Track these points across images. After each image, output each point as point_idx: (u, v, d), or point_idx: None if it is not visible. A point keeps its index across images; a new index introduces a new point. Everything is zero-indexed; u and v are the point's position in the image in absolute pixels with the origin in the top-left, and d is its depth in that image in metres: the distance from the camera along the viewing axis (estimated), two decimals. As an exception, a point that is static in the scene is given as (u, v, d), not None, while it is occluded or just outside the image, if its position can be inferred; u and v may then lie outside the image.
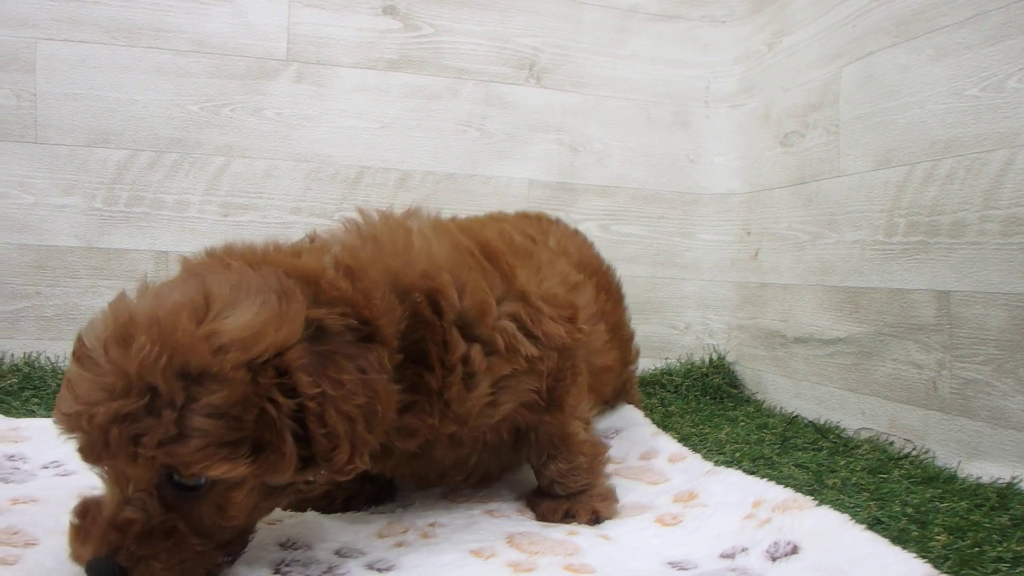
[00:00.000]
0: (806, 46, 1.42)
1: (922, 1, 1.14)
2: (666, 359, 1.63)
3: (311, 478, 0.62)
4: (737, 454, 1.08)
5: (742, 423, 1.30)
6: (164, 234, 1.45)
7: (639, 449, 1.03)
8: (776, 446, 1.13)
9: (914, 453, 1.10)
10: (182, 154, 1.45)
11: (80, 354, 0.54)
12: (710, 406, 1.46)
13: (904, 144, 1.17)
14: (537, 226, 1.02)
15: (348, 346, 0.57)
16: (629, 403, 1.21)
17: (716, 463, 1.00)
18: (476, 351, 0.67)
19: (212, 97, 1.45)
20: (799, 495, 0.75)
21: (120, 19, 1.41)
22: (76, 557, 0.55)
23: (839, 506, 0.81)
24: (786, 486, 0.85)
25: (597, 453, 0.84)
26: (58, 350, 1.40)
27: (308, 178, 1.50)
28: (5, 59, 1.37)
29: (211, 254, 0.62)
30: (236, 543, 0.60)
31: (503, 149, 1.58)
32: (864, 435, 1.21)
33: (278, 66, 1.48)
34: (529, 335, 0.72)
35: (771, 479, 0.90)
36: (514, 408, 0.73)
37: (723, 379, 1.57)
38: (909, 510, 0.84)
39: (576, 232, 1.14)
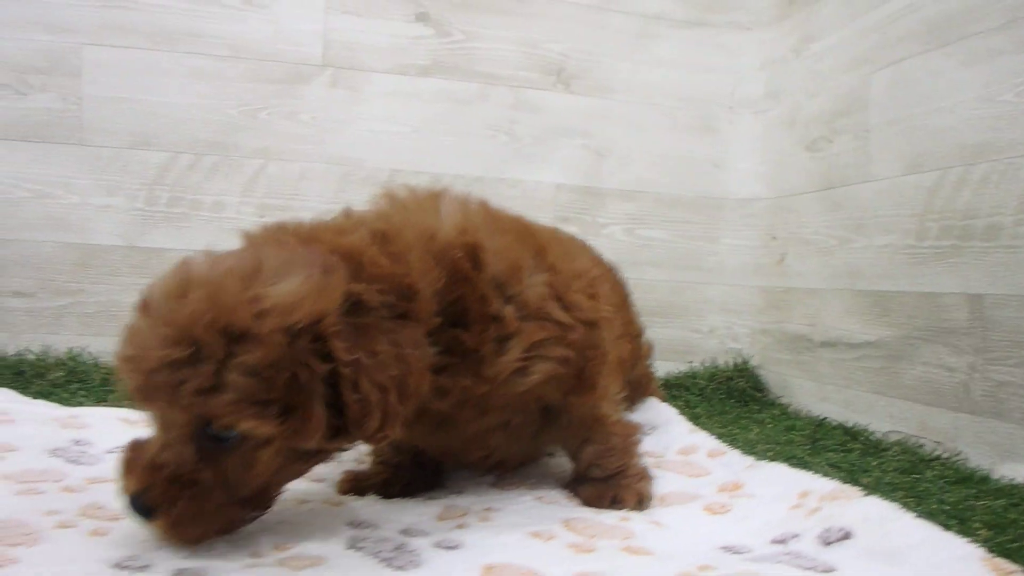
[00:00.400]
0: (834, 52, 1.43)
1: (954, 8, 1.14)
2: (690, 362, 1.65)
3: (344, 447, 0.64)
4: (769, 454, 1.08)
5: (769, 425, 1.31)
6: (202, 234, 1.49)
7: (677, 445, 1.03)
8: (806, 447, 1.14)
9: (945, 455, 1.10)
10: (220, 156, 1.49)
11: (142, 305, 0.59)
12: (735, 409, 1.47)
13: (936, 149, 1.18)
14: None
15: (384, 321, 0.60)
16: (651, 396, 1.22)
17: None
18: (509, 311, 0.69)
19: (249, 101, 1.50)
20: (845, 486, 0.75)
21: (161, 25, 1.45)
22: (122, 489, 0.59)
23: None
24: None
25: (629, 433, 0.85)
26: (100, 346, 1.45)
27: (341, 181, 1.54)
28: (52, 64, 1.42)
29: (267, 228, 0.66)
30: (258, 502, 0.62)
31: (531, 153, 1.61)
32: (893, 437, 1.21)
33: (313, 71, 1.52)
34: (559, 301, 0.73)
35: None
36: (544, 380, 0.73)
37: (747, 383, 1.58)
38: (947, 507, 0.85)
39: (573, 236, 1.11)
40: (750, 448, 1.11)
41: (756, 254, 1.65)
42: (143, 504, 0.58)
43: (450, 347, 0.66)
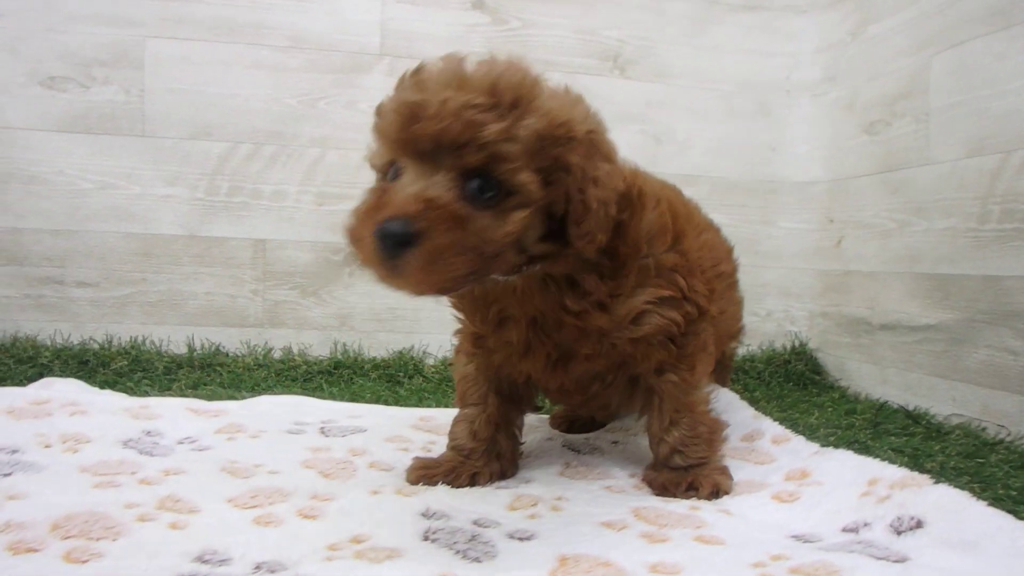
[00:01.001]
0: (893, 35, 1.41)
1: None
2: (748, 346, 1.63)
3: (556, 249, 0.70)
4: (831, 438, 1.07)
5: (829, 408, 1.30)
6: (262, 223, 1.50)
7: (741, 431, 1.03)
8: (868, 431, 1.14)
9: (1008, 439, 1.09)
10: (279, 146, 1.50)
11: (416, 71, 0.66)
12: (794, 392, 1.47)
13: (999, 132, 1.17)
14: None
15: (608, 153, 0.71)
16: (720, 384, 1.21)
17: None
18: (650, 262, 0.77)
19: (308, 91, 1.50)
20: (915, 473, 0.75)
21: (222, 17, 1.47)
22: (361, 221, 0.63)
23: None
24: None
25: (717, 428, 0.87)
26: (162, 334, 1.46)
27: (400, 168, 1.53)
28: (116, 57, 1.44)
29: None
30: (491, 263, 0.65)
31: (589, 139, 1.60)
32: (955, 421, 1.20)
33: (371, 60, 1.52)
34: (684, 278, 0.80)
35: None
36: (654, 332, 0.79)
37: (805, 366, 1.58)
38: (1013, 492, 0.84)
39: (719, 233, 1.13)
40: (812, 433, 1.10)
41: (814, 237, 1.64)
42: (406, 231, 0.59)
43: (599, 267, 0.74)
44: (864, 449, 1.02)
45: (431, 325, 1.55)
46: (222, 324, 1.49)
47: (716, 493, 0.81)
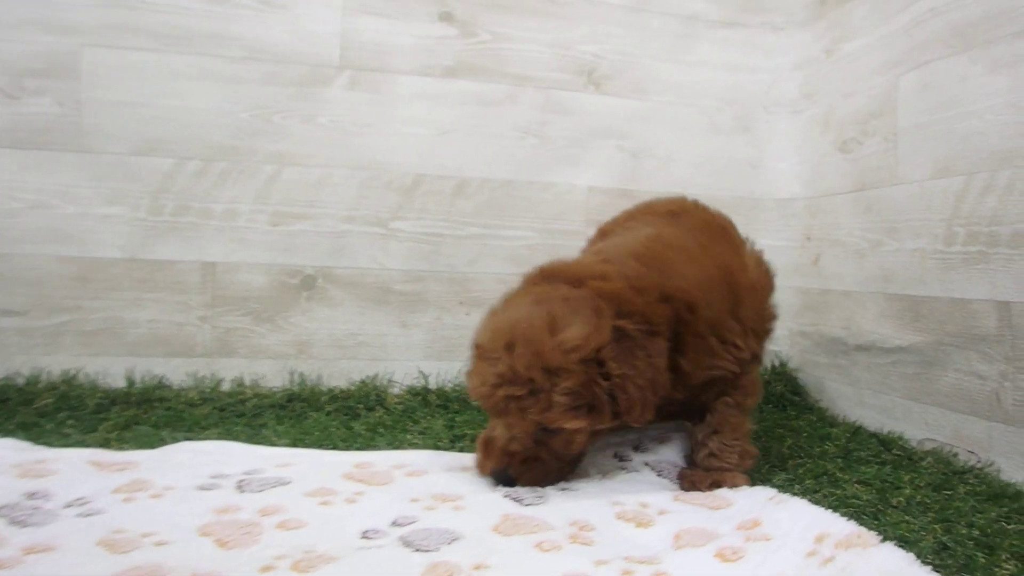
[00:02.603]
0: (865, 53, 1.40)
1: (978, 12, 1.12)
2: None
3: (618, 424, 0.87)
4: (800, 470, 1.04)
5: (804, 434, 1.25)
6: (212, 244, 1.38)
7: None
8: (839, 459, 1.10)
9: (979, 466, 1.07)
10: (232, 162, 1.39)
11: (481, 352, 0.87)
12: (773, 415, 1.41)
13: (962, 154, 1.15)
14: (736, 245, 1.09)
15: (641, 340, 0.84)
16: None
17: (779, 482, 0.97)
18: (714, 341, 0.93)
19: (264, 104, 1.41)
20: (863, 530, 0.73)
21: (173, 25, 1.37)
22: (481, 467, 0.92)
23: (904, 529, 0.81)
24: (850, 507, 0.87)
25: (751, 449, 0.98)
26: (98, 367, 1.33)
27: (362, 186, 1.44)
28: (48, 67, 1.32)
29: (543, 272, 0.92)
30: (574, 462, 0.94)
31: (562, 156, 1.53)
32: (928, 446, 1.18)
33: (332, 73, 1.43)
34: (741, 337, 0.96)
35: (834, 499, 0.91)
36: (717, 378, 0.95)
37: (786, 386, 1.53)
38: (976, 532, 0.82)
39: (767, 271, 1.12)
40: (781, 464, 1.07)
41: (794, 255, 1.60)
42: (507, 476, 0.89)
43: (671, 365, 0.88)
44: (832, 482, 0.99)
45: (397, 351, 1.44)
46: (166, 354, 1.36)
47: (736, 486, 0.93)
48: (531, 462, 0.88)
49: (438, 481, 0.92)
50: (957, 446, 1.13)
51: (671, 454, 1.05)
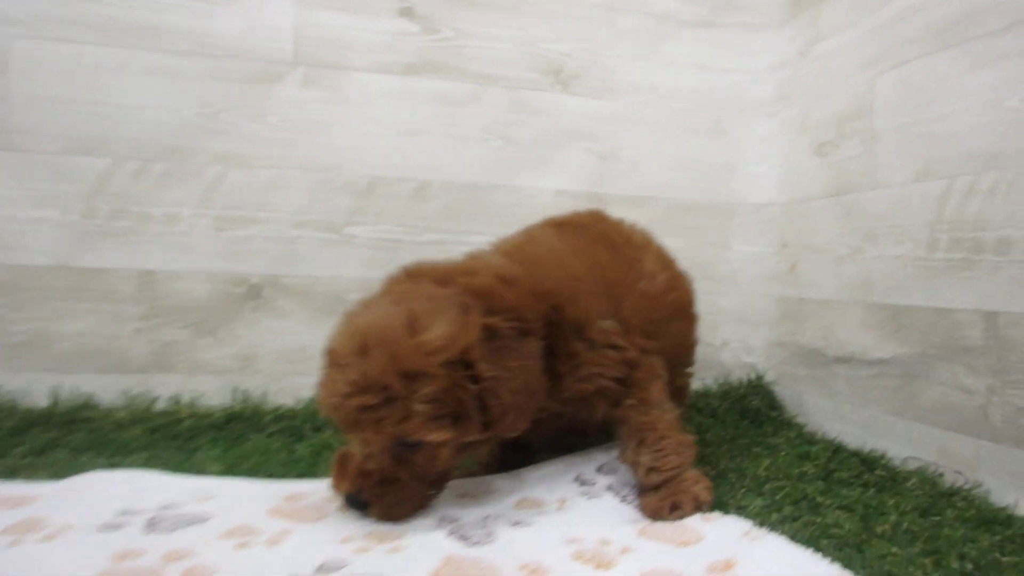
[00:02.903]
0: (840, 54, 1.35)
1: (957, 10, 1.08)
2: (703, 379, 1.47)
3: (489, 436, 0.78)
4: (778, 496, 0.95)
5: (783, 452, 1.17)
6: (150, 251, 1.28)
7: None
8: (820, 482, 1.03)
9: (966, 487, 1.00)
10: (174, 163, 1.30)
11: (332, 359, 0.77)
12: (750, 432, 1.33)
13: (944, 156, 1.10)
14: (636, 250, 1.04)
15: (512, 341, 0.76)
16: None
17: (756, 509, 0.90)
18: (582, 346, 0.85)
19: (210, 101, 1.32)
20: (844, 573, 0.69)
21: (113, 18, 1.28)
22: (336, 487, 0.79)
23: (891, 562, 0.75)
24: (832, 538, 0.81)
25: (683, 440, 0.89)
26: (20, 384, 1.21)
27: (315, 189, 1.35)
28: (-24, 57, 1.23)
29: (408, 272, 0.82)
30: (439, 483, 0.82)
31: (530, 158, 1.45)
32: (912, 465, 1.10)
33: (284, 69, 1.35)
34: (622, 337, 0.89)
35: (815, 528, 0.84)
36: (599, 390, 0.87)
37: (762, 401, 1.45)
38: (969, 566, 0.75)
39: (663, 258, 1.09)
40: (758, 488, 0.99)
41: (770, 262, 1.53)
42: (359, 501, 0.77)
43: (548, 368, 0.81)
44: (812, 508, 0.91)
45: (350, 368, 1.34)
46: (97, 370, 1.25)
47: (699, 507, 0.84)
48: (389, 484, 0.76)
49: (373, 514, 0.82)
50: (943, 465, 1.06)
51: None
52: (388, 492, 0.76)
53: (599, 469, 0.96)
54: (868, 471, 1.08)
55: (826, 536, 0.81)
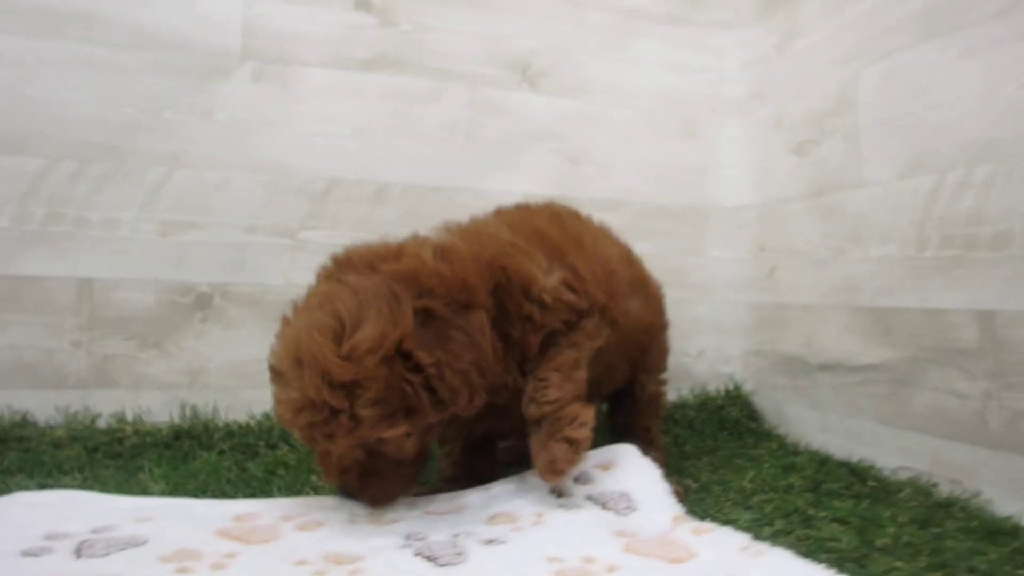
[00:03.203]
0: (819, 48, 1.31)
1: None
2: (679, 390, 1.44)
3: (450, 414, 0.76)
4: (767, 508, 0.92)
5: (767, 464, 1.14)
6: (89, 258, 1.20)
7: (653, 510, 0.82)
8: (809, 494, 0.99)
9: (964, 496, 0.97)
10: (114, 164, 1.22)
11: (273, 374, 0.75)
12: (729, 443, 1.30)
13: (934, 149, 1.06)
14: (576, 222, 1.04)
15: (452, 318, 0.73)
16: (647, 441, 1.06)
17: (745, 523, 0.85)
18: (533, 307, 0.83)
19: (152, 98, 1.23)
20: None
21: (44, 7, 1.19)
22: (326, 479, 0.80)
23: None
24: (830, 552, 0.77)
25: (571, 378, 0.84)
26: (-53, 402, 1.13)
27: (267, 191, 1.28)
28: None
29: (336, 263, 0.79)
30: (419, 462, 0.83)
31: (495, 159, 1.39)
32: (903, 475, 1.07)
33: (232, 63, 1.27)
34: (574, 291, 0.86)
35: (811, 542, 0.80)
36: (547, 337, 0.85)
37: (741, 412, 1.42)
38: None
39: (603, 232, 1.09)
40: (744, 501, 0.95)
41: (746, 267, 1.49)
42: (348, 492, 0.80)
43: (502, 336, 0.80)
44: (805, 521, 0.87)
45: (306, 381, 1.28)
46: (32, 386, 1.17)
47: (575, 452, 0.79)
48: (370, 475, 0.78)
49: (335, 535, 0.76)
50: (937, 475, 1.03)
51: (618, 482, 0.90)
52: (371, 483, 0.79)
53: (576, 479, 0.90)
54: (859, 482, 1.04)
55: (823, 550, 0.77)
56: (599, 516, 0.81)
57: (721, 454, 1.21)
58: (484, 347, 0.75)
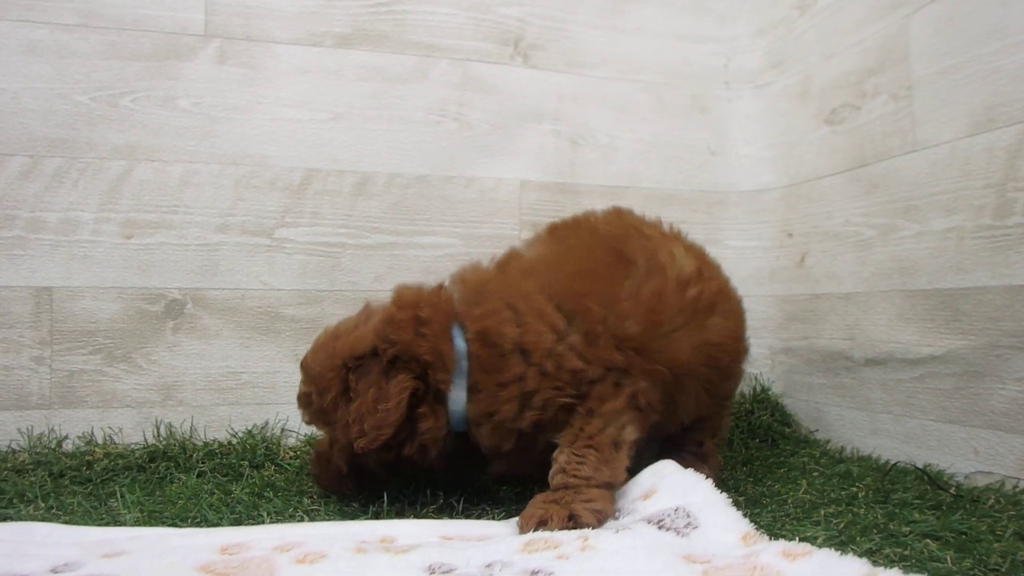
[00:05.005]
0: (851, 1, 1.17)
1: None
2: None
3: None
4: (841, 524, 0.81)
5: (815, 473, 1.04)
6: (45, 265, 1.10)
7: (728, 529, 0.72)
8: (878, 506, 0.88)
9: None
10: (68, 158, 1.10)
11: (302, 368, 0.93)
12: (763, 451, 1.20)
13: (1012, 97, 0.92)
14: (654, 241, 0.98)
15: (375, 367, 0.85)
16: (700, 457, 0.99)
17: (824, 543, 0.73)
18: (530, 371, 0.83)
19: (107, 84, 1.12)
20: None
21: (-24, -17, 1.06)
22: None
23: None
24: None
25: (610, 460, 0.82)
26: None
27: (238, 185, 1.17)
28: None
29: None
30: (426, 444, 0.88)
31: (487, 143, 1.28)
32: (980, 481, 0.96)
33: (195, 43, 1.15)
34: (581, 357, 0.84)
35: (907, 564, 0.70)
36: (556, 414, 0.85)
37: (771, 416, 1.31)
38: None
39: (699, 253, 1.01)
40: (807, 515, 0.85)
41: (770, 256, 1.38)
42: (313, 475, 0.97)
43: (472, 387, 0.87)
44: (888, 537, 0.77)
45: (290, 391, 1.18)
46: (-8, 406, 1.08)
47: (569, 522, 0.76)
48: (323, 462, 0.93)
49: (338, 569, 0.66)
50: None
51: (672, 496, 0.79)
52: (323, 468, 0.94)
53: (619, 511, 0.81)
54: (933, 489, 0.94)
55: (928, 571, 0.68)
56: (657, 538, 0.71)
57: (758, 464, 1.12)
58: (388, 408, 0.82)
